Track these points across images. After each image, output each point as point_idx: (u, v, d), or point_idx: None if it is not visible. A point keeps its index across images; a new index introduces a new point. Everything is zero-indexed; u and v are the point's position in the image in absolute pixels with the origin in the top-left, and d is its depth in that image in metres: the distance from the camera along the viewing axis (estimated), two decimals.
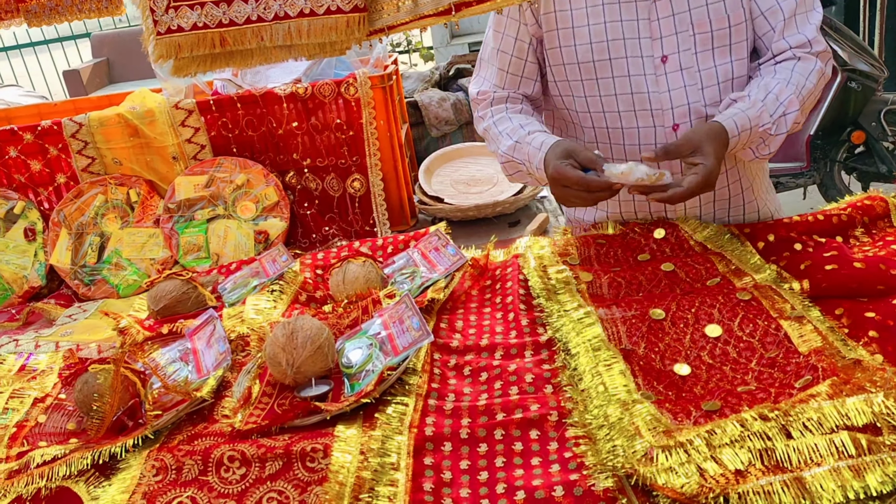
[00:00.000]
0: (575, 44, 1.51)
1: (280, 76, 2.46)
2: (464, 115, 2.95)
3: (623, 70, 1.49)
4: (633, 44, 1.47)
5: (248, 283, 1.84)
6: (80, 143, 2.27)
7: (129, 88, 2.72)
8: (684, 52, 1.48)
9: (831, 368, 1.04)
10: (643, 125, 1.53)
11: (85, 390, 1.34)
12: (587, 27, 1.49)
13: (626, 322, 1.31)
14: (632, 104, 1.52)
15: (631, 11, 1.46)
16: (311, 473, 1.12)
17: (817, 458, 0.90)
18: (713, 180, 1.38)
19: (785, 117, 1.44)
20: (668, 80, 1.49)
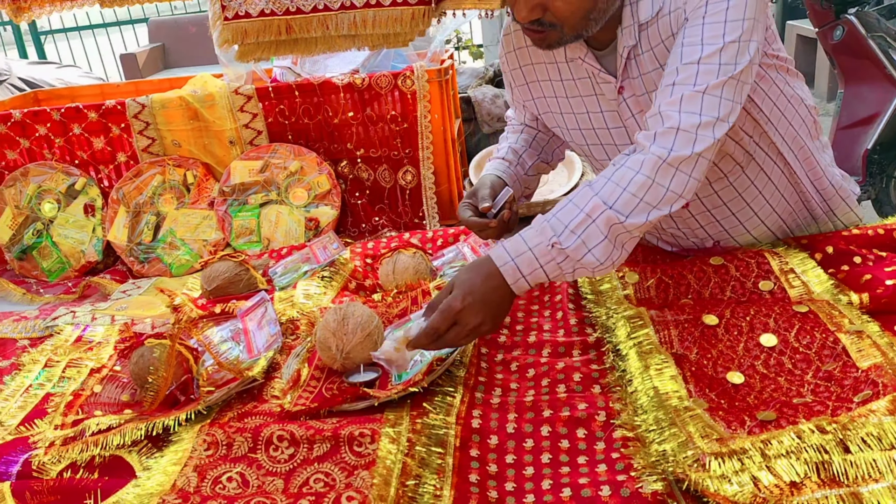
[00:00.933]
0: (567, 127, 1.52)
1: (338, 66, 2.49)
2: None
3: (616, 153, 1.41)
4: (620, 132, 1.44)
5: (298, 268, 1.86)
6: (141, 123, 2.33)
7: (183, 74, 2.77)
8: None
9: (892, 384, 1.02)
10: None
11: (140, 363, 1.37)
12: (573, 115, 1.48)
13: (679, 326, 1.29)
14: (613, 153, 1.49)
15: (609, 102, 1.41)
16: (359, 458, 1.13)
17: (876, 473, 0.89)
18: (464, 318, 1.19)
19: (592, 224, 1.18)
20: None
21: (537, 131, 1.68)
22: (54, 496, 1.15)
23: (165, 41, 7.64)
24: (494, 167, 1.59)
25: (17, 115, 2.36)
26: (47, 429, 1.31)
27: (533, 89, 1.54)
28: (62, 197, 2.38)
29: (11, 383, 1.51)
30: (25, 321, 1.81)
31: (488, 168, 1.60)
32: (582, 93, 1.44)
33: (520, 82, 1.56)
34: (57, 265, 2.36)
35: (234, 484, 1.12)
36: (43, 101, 2.88)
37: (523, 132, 1.68)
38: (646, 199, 1.17)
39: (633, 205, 1.16)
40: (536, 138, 1.68)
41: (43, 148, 2.39)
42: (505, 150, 1.65)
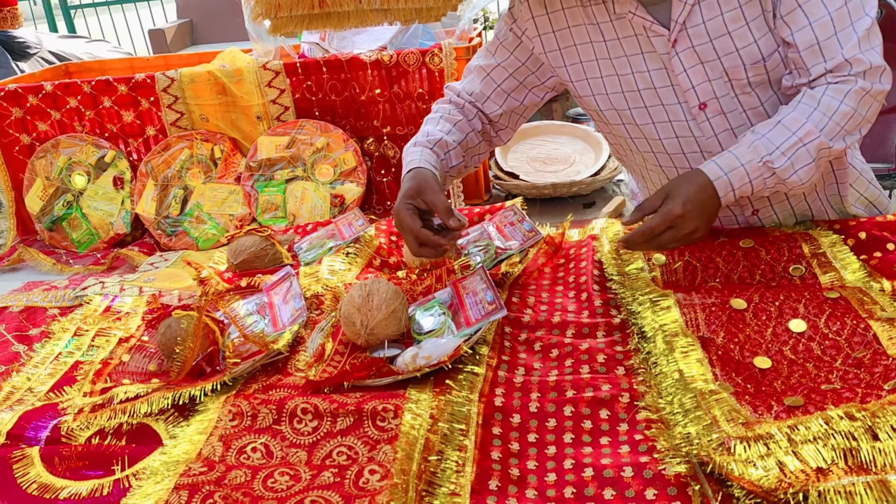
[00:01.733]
0: (607, 92, 1.46)
1: (366, 43, 2.48)
2: None
3: (663, 116, 1.42)
4: (667, 91, 1.39)
5: (323, 244, 1.87)
6: (170, 97, 2.34)
7: (211, 50, 2.78)
8: (723, 97, 1.38)
9: None
10: (695, 163, 1.44)
11: (168, 334, 1.38)
12: (616, 76, 1.43)
13: (706, 309, 1.28)
14: (679, 147, 1.45)
15: (656, 61, 1.38)
16: (382, 432, 1.14)
17: None
18: (682, 224, 1.28)
19: (802, 148, 1.28)
20: (713, 125, 1.40)
21: (471, 131, 1.61)
22: (82, 461, 1.17)
23: (193, 17, 7.66)
24: (426, 158, 1.48)
25: (49, 87, 2.38)
26: (76, 396, 1.34)
27: (567, 55, 1.48)
28: (92, 169, 2.40)
29: (41, 351, 1.54)
30: (55, 290, 1.83)
31: (415, 154, 1.49)
32: (628, 52, 1.40)
33: (550, 48, 1.50)
34: (86, 236, 2.39)
35: (259, 454, 1.14)
36: (74, 74, 2.91)
37: (456, 126, 1.58)
38: (846, 127, 1.29)
39: (836, 132, 1.29)
40: (468, 138, 1.60)
41: (73, 120, 2.42)
42: (434, 137, 1.54)
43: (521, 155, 2.57)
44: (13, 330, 1.66)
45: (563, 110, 2.99)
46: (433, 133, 1.55)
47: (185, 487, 1.05)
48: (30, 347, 1.58)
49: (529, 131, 2.67)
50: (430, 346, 1.30)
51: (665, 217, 1.27)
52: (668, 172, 1.53)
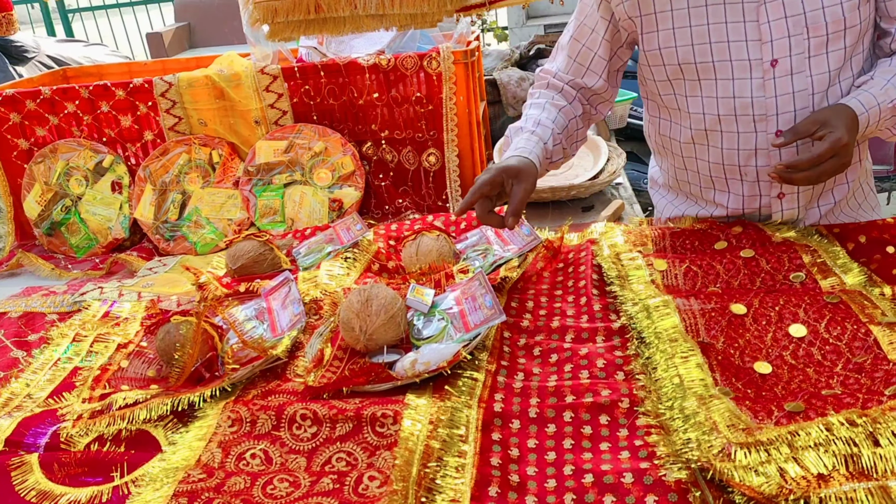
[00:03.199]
0: (676, 45, 1.46)
1: (364, 47, 2.47)
2: None
3: (727, 73, 1.43)
4: (739, 47, 1.41)
5: (322, 248, 1.87)
6: (168, 102, 2.33)
7: (209, 53, 2.77)
8: (796, 55, 1.39)
9: None
10: (743, 130, 1.47)
11: (167, 339, 1.38)
12: (689, 28, 1.43)
13: (705, 314, 1.28)
14: (733, 109, 1.46)
15: (737, 13, 1.39)
16: (381, 438, 1.14)
17: None
18: (844, 152, 1.32)
19: None
20: (776, 85, 1.42)
21: (574, 116, 1.63)
22: (81, 468, 1.17)
23: (191, 20, 7.66)
24: (536, 152, 1.51)
25: (47, 92, 2.37)
26: (75, 402, 1.33)
27: (643, 5, 1.47)
28: (90, 174, 2.40)
29: (40, 356, 1.54)
30: (54, 296, 1.83)
31: (527, 143, 1.52)
32: (708, 1, 1.40)
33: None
34: (85, 241, 2.39)
35: (258, 461, 1.13)
36: (71, 79, 2.90)
37: (562, 113, 1.61)
38: None
39: None
40: (570, 125, 1.62)
41: (71, 125, 2.41)
42: (545, 127, 1.57)
43: None
44: (12, 336, 1.66)
45: None
46: (544, 122, 1.57)
47: (185, 494, 1.05)
48: (28, 353, 1.57)
49: None
50: (429, 352, 1.29)
51: (833, 144, 1.30)
52: (712, 139, 1.52)
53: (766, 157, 1.49)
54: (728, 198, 1.60)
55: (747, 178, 1.54)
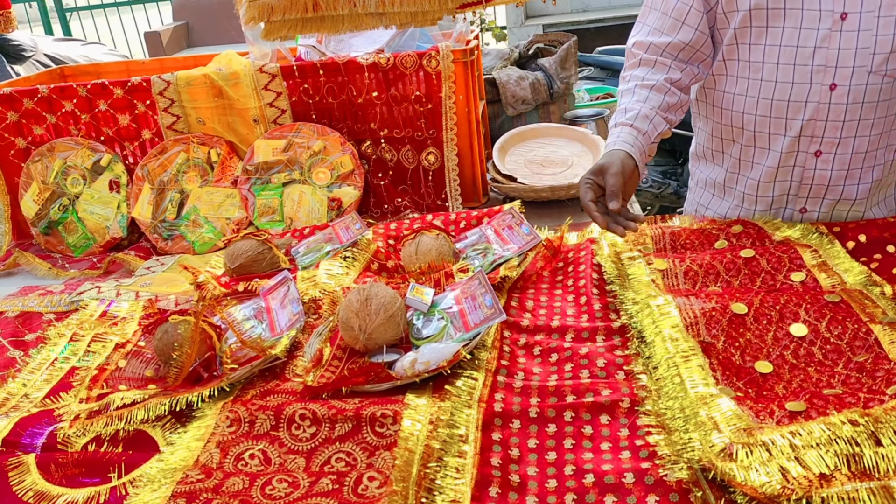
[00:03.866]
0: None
1: (363, 46, 2.46)
2: (541, 95, 2.90)
3: (796, 21, 1.44)
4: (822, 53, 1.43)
5: (321, 247, 1.86)
6: (166, 100, 2.32)
7: (207, 53, 2.76)
8: (867, 13, 1.40)
9: None
10: (798, 80, 1.48)
11: (165, 339, 1.37)
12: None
13: (706, 314, 1.27)
14: (793, 58, 1.47)
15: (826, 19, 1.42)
16: (380, 438, 1.13)
17: None
18: None
19: None
20: (842, 39, 1.43)
21: (669, 88, 1.60)
22: (79, 468, 1.16)
23: (189, 19, 7.65)
24: (623, 138, 1.51)
25: (44, 91, 2.36)
26: (72, 402, 1.32)
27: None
28: (88, 173, 2.39)
29: (37, 356, 1.53)
30: (51, 295, 1.82)
31: (615, 135, 1.53)
32: None
33: None
34: (82, 241, 2.38)
35: (257, 461, 1.13)
36: (69, 77, 2.89)
37: (653, 90, 1.58)
38: None
39: None
40: (666, 98, 1.59)
41: (69, 124, 2.40)
42: (634, 113, 1.55)
43: (519, 158, 2.56)
44: (9, 335, 1.65)
45: (560, 112, 2.98)
46: (631, 108, 1.57)
47: (183, 495, 1.04)
48: (25, 353, 1.56)
49: (527, 134, 2.66)
50: (429, 352, 1.29)
51: None
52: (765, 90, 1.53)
53: (813, 111, 1.50)
54: (767, 155, 1.61)
55: (790, 131, 1.55)
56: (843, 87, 1.46)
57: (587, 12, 7.46)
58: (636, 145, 1.51)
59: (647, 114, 1.55)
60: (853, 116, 1.48)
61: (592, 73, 4.03)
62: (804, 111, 1.50)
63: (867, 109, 1.48)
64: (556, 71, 2.93)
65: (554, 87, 2.92)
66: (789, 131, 1.55)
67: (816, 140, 1.52)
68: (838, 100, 1.46)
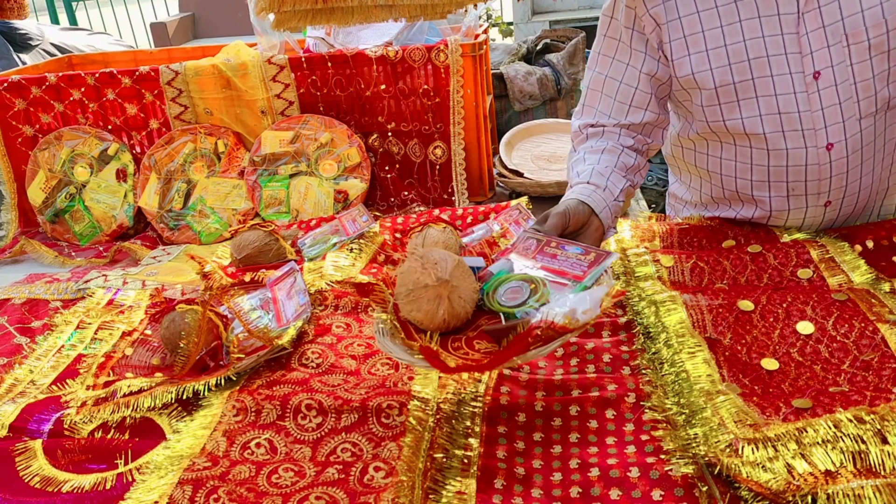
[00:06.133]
0: (711, 67, 1.39)
1: (372, 38, 2.46)
2: (549, 90, 2.90)
3: (769, 90, 1.37)
4: (779, 60, 1.35)
5: (327, 239, 1.86)
6: (174, 90, 2.33)
7: (213, 44, 2.76)
8: (838, 65, 1.34)
9: None
10: (792, 146, 1.41)
11: (172, 328, 1.38)
12: (724, 48, 1.37)
13: (713, 310, 1.28)
14: (780, 125, 1.40)
15: (774, 26, 1.33)
16: (386, 429, 1.14)
17: None
18: None
19: None
20: (822, 98, 1.36)
21: (622, 150, 1.49)
22: (85, 455, 1.17)
23: (195, 10, 7.64)
24: (578, 192, 1.39)
25: (52, 79, 2.37)
26: (79, 389, 1.33)
27: (687, 24, 1.39)
28: (95, 161, 2.39)
29: (44, 343, 1.53)
30: (58, 283, 1.83)
31: (570, 194, 1.40)
32: (743, 17, 1.35)
33: (671, 17, 1.40)
34: (88, 229, 2.39)
35: (263, 450, 1.13)
36: (77, 66, 2.89)
37: (605, 153, 1.47)
38: None
39: None
40: (621, 159, 1.48)
41: (77, 112, 2.40)
42: (588, 172, 1.44)
43: (526, 153, 2.56)
44: (15, 322, 1.66)
45: (567, 108, 2.98)
46: (583, 172, 1.45)
47: (189, 482, 1.05)
48: (32, 340, 1.57)
49: (534, 129, 2.66)
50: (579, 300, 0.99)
51: None
52: (757, 157, 1.46)
53: (816, 172, 1.43)
54: (770, 214, 1.54)
55: (794, 192, 1.48)
56: (840, 143, 1.39)
57: (594, 9, 7.44)
58: (592, 196, 1.38)
59: (601, 171, 1.43)
60: (857, 163, 1.43)
61: None
62: (805, 174, 1.44)
63: (868, 150, 1.43)
64: (563, 67, 2.93)
65: (561, 83, 2.92)
66: (793, 192, 1.48)
67: (824, 195, 1.46)
68: (838, 156, 1.39)
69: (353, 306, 1.55)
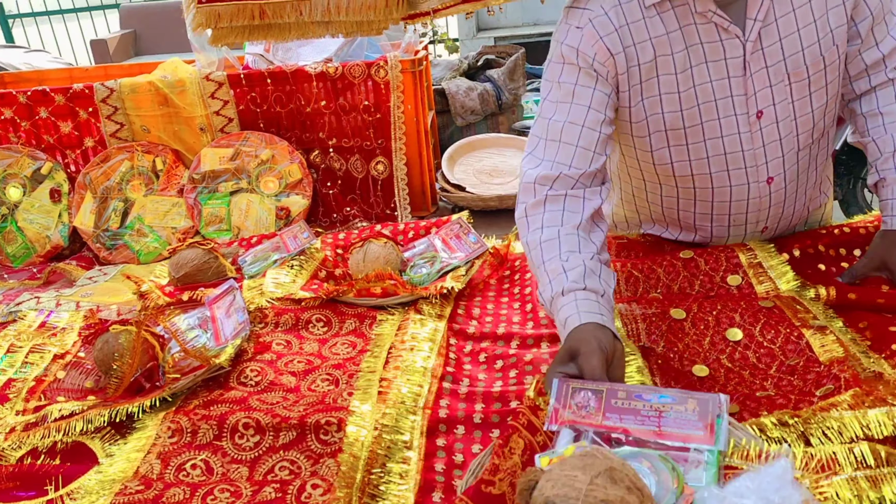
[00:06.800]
0: (662, 111, 1.38)
1: (311, 54, 2.47)
2: (490, 105, 2.94)
3: (716, 132, 1.38)
4: (726, 103, 1.36)
5: (268, 256, 1.85)
6: (110, 108, 2.29)
7: (153, 60, 2.73)
8: (780, 103, 1.37)
9: (854, 379, 1.03)
10: (736, 183, 1.43)
11: (105, 349, 1.35)
12: (677, 94, 1.37)
13: (646, 319, 1.30)
14: (724, 164, 1.41)
15: (721, 70, 1.35)
16: (325, 446, 1.13)
17: (835, 466, 0.90)
18: None
19: None
20: (763, 135, 1.39)
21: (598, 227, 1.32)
22: (13, 482, 1.13)
23: (137, 27, 7.52)
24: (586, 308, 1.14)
25: None
26: (8, 414, 1.29)
27: (645, 71, 1.35)
28: (28, 181, 2.33)
29: None
30: None
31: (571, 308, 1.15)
32: (693, 63, 1.34)
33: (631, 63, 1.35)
34: (21, 250, 2.32)
35: (199, 471, 1.11)
36: (9, 84, 2.82)
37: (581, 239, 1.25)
38: None
39: None
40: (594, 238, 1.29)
41: (8, 131, 2.34)
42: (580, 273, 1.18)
43: (468, 167, 2.59)
44: None
45: (509, 123, 3.02)
46: (572, 270, 1.19)
47: None
48: None
49: (476, 144, 2.69)
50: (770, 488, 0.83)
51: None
52: (701, 194, 1.47)
53: (757, 204, 1.46)
54: (710, 239, 1.56)
55: (735, 222, 1.51)
56: (779, 176, 1.43)
57: (538, 25, 7.56)
58: (603, 312, 1.15)
59: (592, 268, 1.20)
60: (793, 190, 1.47)
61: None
62: (747, 207, 1.47)
63: (802, 177, 1.47)
64: (504, 82, 2.97)
65: (503, 98, 2.95)
66: (734, 223, 1.51)
67: (762, 222, 1.50)
68: (777, 187, 1.43)
69: (294, 323, 1.54)
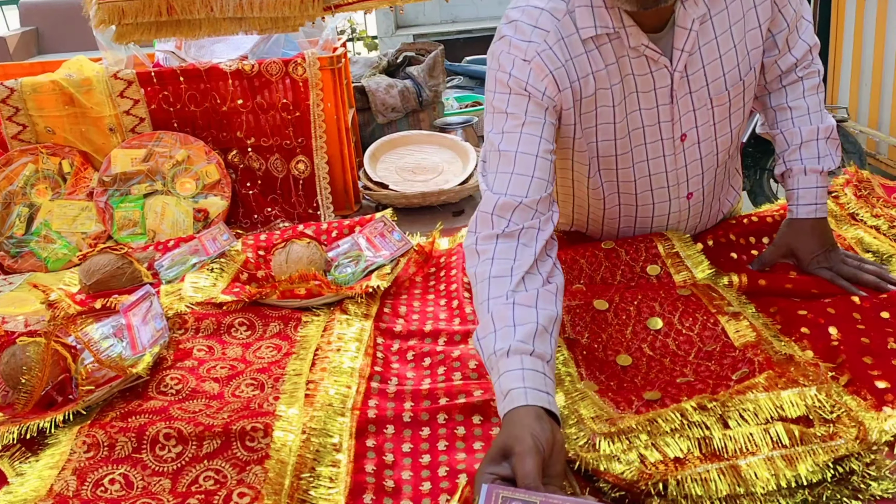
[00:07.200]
0: (598, 140, 1.41)
1: (226, 52, 2.40)
2: (411, 103, 2.93)
3: (642, 156, 1.43)
4: (653, 130, 1.41)
5: (186, 260, 1.79)
6: (10, 109, 2.17)
7: (57, 59, 2.60)
8: (702, 125, 1.41)
9: (767, 362, 1.08)
10: (658, 200, 1.49)
11: (12, 363, 1.28)
12: (613, 125, 1.39)
13: (571, 311, 1.33)
14: (649, 184, 1.47)
15: (650, 100, 1.38)
16: (251, 453, 1.11)
17: (752, 447, 0.94)
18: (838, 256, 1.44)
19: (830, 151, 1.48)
20: (686, 156, 1.44)
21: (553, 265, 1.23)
22: None
23: (39, 25, 7.17)
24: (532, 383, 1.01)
25: None
26: None
27: (585, 104, 1.36)
28: None
29: None
30: None
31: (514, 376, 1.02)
32: (640, 89, 1.36)
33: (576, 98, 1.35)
34: None
35: (117, 486, 1.07)
36: None
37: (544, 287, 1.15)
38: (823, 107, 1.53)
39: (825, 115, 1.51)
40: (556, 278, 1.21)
41: None
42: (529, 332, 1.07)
43: (390, 165, 2.57)
44: None
45: (430, 120, 3.02)
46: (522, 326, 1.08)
47: None
48: None
49: (398, 141, 2.67)
50: None
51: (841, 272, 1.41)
52: (626, 211, 1.52)
53: (677, 217, 1.53)
54: None
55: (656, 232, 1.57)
56: (698, 191, 1.50)
57: (456, 23, 7.60)
58: (549, 390, 1.02)
59: (545, 325, 1.09)
60: (710, 200, 1.55)
61: (461, 81, 4.11)
62: (668, 220, 1.54)
63: (718, 188, 1.55)
64: (424, 79, 2.96)
65: (423, 95, 2.95)
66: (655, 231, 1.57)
67: (682, 230, 1.56)
68: (696, 201, 1.50)
69: (216, 328, 1.49)
